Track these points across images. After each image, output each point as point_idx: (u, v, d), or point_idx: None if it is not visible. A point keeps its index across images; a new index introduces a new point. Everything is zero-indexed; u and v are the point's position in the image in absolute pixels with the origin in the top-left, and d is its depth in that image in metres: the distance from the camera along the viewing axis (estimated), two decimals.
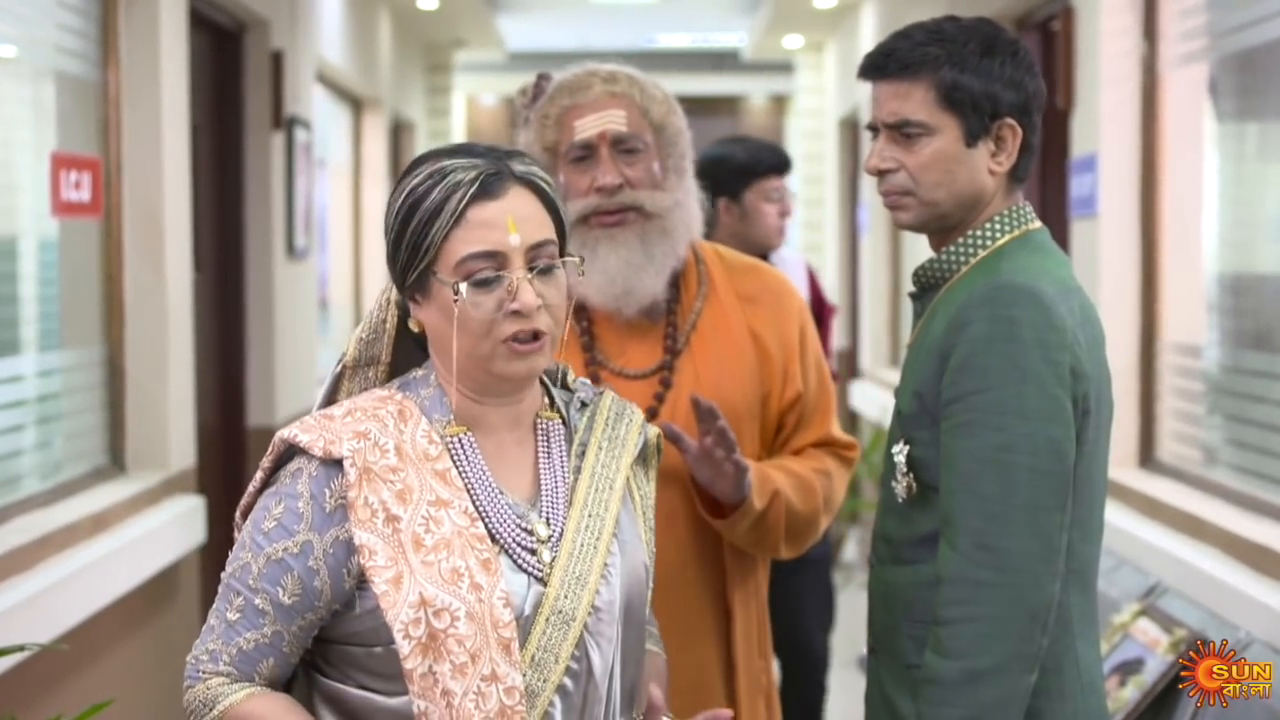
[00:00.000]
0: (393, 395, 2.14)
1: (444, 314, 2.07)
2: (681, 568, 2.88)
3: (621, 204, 2.88)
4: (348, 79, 8.86)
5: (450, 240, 2.05)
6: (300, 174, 6.91)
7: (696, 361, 2.92)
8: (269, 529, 2.05)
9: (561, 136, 2.92)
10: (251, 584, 2.05)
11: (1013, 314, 2.32)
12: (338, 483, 2.04)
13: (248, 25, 6.42)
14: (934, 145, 2.44)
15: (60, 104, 4.61)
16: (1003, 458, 2.29)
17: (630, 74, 2.96)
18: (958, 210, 2.47)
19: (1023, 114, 2.45)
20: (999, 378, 2.30)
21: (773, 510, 2.85)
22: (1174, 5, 4.89)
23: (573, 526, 2.12)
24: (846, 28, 11.07)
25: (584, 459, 2.19)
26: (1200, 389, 4.75)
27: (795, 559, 3.07)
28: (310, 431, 2.07)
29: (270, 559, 2.04)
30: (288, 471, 2.08)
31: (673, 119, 2.96)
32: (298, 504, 2.05)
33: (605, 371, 2.91)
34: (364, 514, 2.01)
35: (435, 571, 2.00)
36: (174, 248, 4.97)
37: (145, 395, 4.89)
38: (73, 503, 4.40)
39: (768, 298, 3.00)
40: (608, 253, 2.87)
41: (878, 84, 2.50)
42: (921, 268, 2.52)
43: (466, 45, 12.42)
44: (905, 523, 2.47)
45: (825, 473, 2.98)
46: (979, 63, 2.42)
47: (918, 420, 2.42)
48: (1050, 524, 2.30)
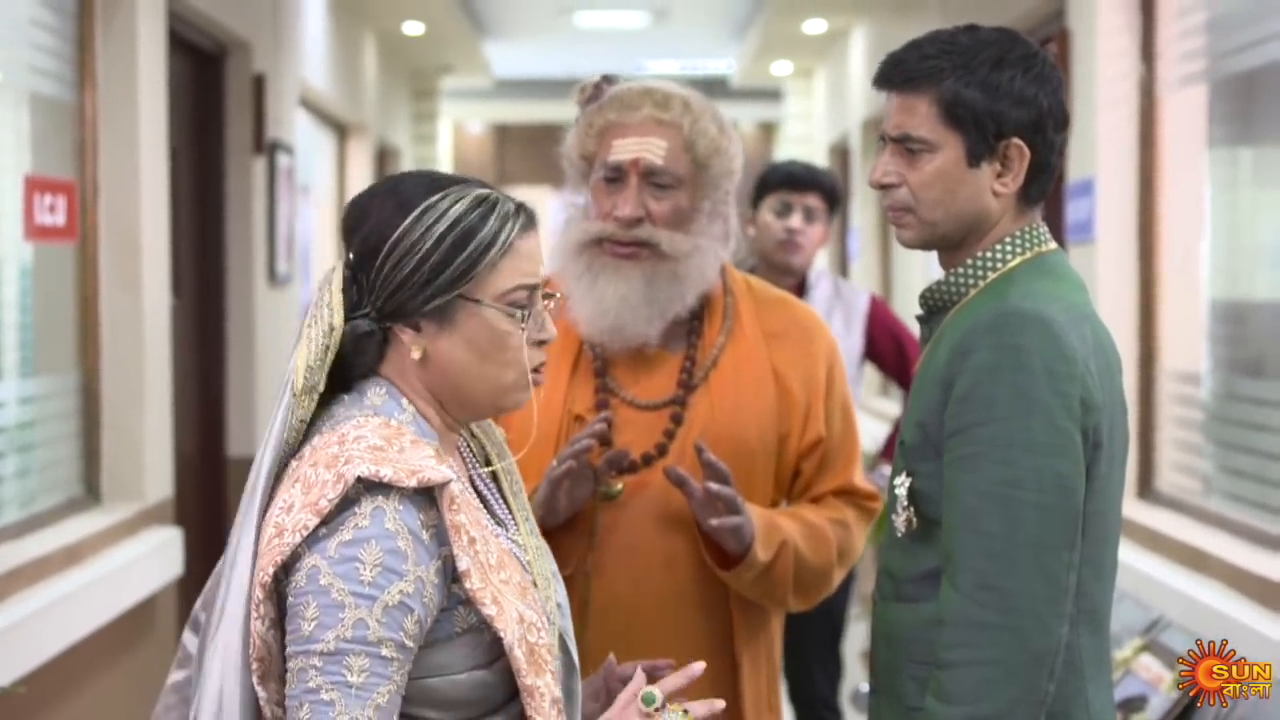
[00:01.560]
0: (387, 422, 2.05)
1: (474, 344, 2.05)
2: (682, 615, 2.77)
3: (636, 238, 2.75)
4: (332, 104, 8.78)
5: (498, 269, 2.04)
6: (282, 199, 6.83)
7: (713, 397, 2.80)
8: (373, 578, 1.92)
9: (599, 150, 2.80)
10: (372, 638, 1.91)
11: (1019, 341, 2.21)
12: (424, 512, 1.97)
13: (229, 48, 6.33)
14: (935, 163, 2.33)
15: (35, 126, 4.51)
16: (1007, 493, 2.18)
17: (687, 100, 2.80)
18: (958, 231, 2.36)
19: (1034, 132, 2.31)
20: (1004, 409, 2.19)
21: (779, 562, 2.74)
22: (1173, 26, 4.82)
23: (524, 530, 2.16)
24: (836, 54, 11.01)
25: (490, 465, 2.21)
26: (1200, 417, 4.65)
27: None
28: (385, 465, 1.96)
29: (388, 606, 1.92)
30: (361, 514, 1.95)
31: (719, 158, 2.80)
32: (395, 543, 1.94)
33: (615, 399, 2.79)
34: (462, 538, 1.97)
35: (513, 589, 2.02)
36: (151, 273, 4.88)
37: (121, 424, 4.80)
38: (45, 534, 4.31)
39: (795, 334, 2.87)
40: (607, 284, 2.75)
41: (887, 94, 2.39)
42: (929, 289, 2.41)
43: (453, 71, 12.37)
44: (907, 558, 2.36)
45: (842, 523, 2.86)
46: (986, 77, 2.30)
47: (921, 452, 2.31)
48: (1057, 563, 2.19)
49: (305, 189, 8.21)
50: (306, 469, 1.98)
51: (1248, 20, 4.33)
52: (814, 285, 4.93)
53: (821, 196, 4.85)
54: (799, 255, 4.83)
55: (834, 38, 10.66)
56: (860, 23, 9.85)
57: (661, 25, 11.85)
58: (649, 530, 2.75)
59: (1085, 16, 5.06)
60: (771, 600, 2.80)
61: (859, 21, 9.86)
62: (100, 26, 4.73)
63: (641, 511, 2.75)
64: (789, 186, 4.86)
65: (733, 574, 2.71)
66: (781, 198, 4.85)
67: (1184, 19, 4.74)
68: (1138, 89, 4.94)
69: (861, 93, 9.81)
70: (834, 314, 4.90)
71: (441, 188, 2.07)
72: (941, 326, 2.36)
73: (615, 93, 2.81)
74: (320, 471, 1.96)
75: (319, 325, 2.07)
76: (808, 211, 4.83)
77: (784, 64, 12.28)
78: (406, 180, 2.09)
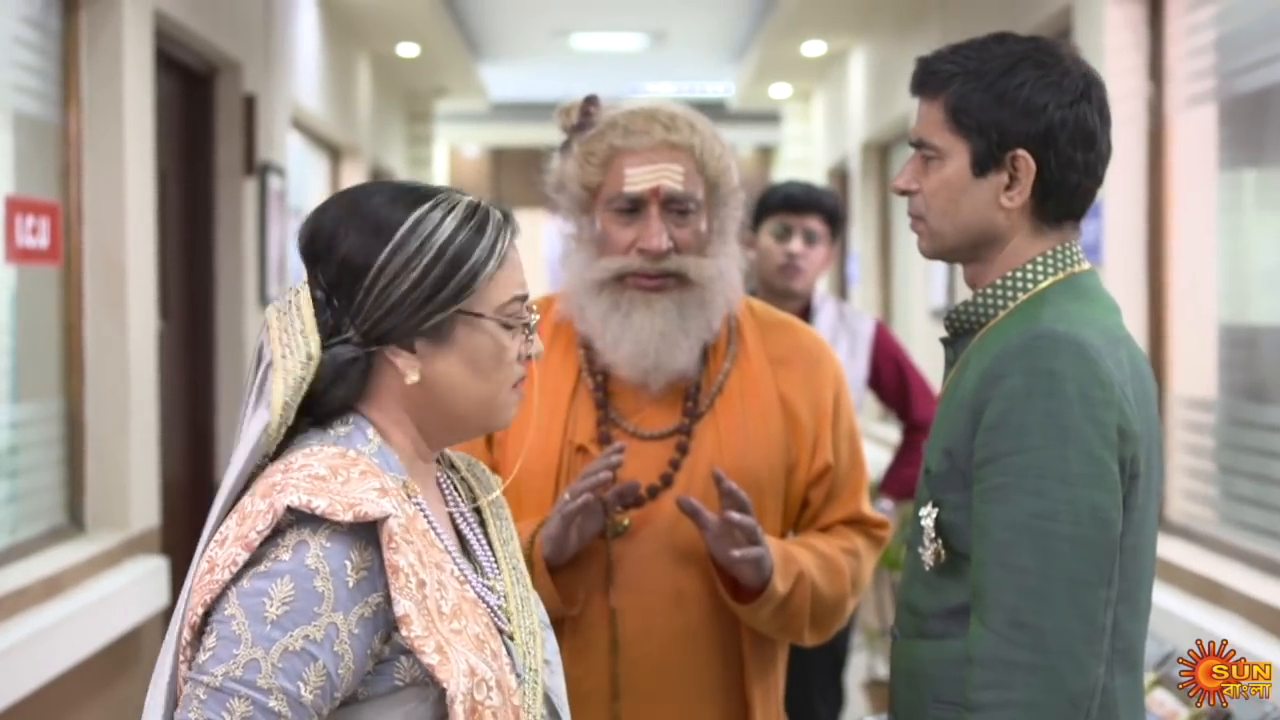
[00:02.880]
0: (344, 453, 1.91)
1: (470, 360, 1.94)
2: (693, 654, 2.65)
3: (665, 269, 2.63)
4: (325, 126, 8.69)
5: (495, 281, 1.94)
6: (273, 222, 6.74)
7: (720, 426, 2.68)
8: (278, 616, 1.77)
9: (606, 180, 2.65)
10: (262, 684, 1.75)
11: (1054, 366, 2.09)
12: (357, 552, 1.81)
13: (219, 68, 6.25)
14: (943, 171, 2.24)
15: (18, 146, 4.43)
16: (1041, 526, 2.07)
17: (692, 121, 2.69)
18: (964, 243, 2.25)
19: (1042, 145, 2.19)
20: (1038, 437, 2.08)
21: (797, 594, 2.62)
22: (1182, 45, 4.74)
23: (508, 579, 2.03)
24: (835, 76, 10.94)
25: (477, 504, 2.09)
26: (1211, 444, 4.55)
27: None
28: (319, 495, 1.82)
29: (287, 651, 1.76)
30: (283, 547, 1.80)
31: (727, 176, 2.70)
32: (313, 582, 1.78)
33: (618, 430, 2.67)
34: (401, 580, 1.80)
35: (466, 639, 1.85)
36: (137, 296, 4.79)
37: (106, 450, 4.72)
38: (26, 565, 4.23)
39: (801, 359, 2.77)
40: (644, 321, 2.63)
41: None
42: (955, 310, 2.29)
43: (448, 94, 12.30)
44: (933, 593, 2.24)
45: (854, 553, 2.75)
46: (993, 83, 2.19)
47: (947, 481, 2.19)
48: (1093, 600, 2.07)
49: (298, 212, 8.11)
50: (246, 499, 1.86)
51: (1258, 39, 4.26)
52: (818, 310, 4.83)
53: (822, 218, 4.74)
54: (800, 280, 4.72)
55: (833, 60, 10.59)
56: (860, 44, 9.77)
57: (659, 48, 11.79)
58: (657, 566, 2.64)
59: (1093, 34, 4.96)
60: (787, 634, 2.70)
61: (858, 43, 9.79)
62: (85, 44, 4.66)
63: (648, 547, 2.64)
64: (788, 209, 4.75)
65: (750, 608, 2.60)
66: (781, 220, 4.73)
67: (1193, 37, 4.66)
68: (1146, 108, 4.85)
69: (861, 115, 9.72)
70: (839, 340, 4.79)
71: (417, 199, 1.94)
72: (968, 350, 2.25)
73: (614, 117, 2.68)
74: (256, 501, 1.82)
75: (295, 355, 1.92)
76: (808, 234, 4.72)
77: (782, 86, 12.22)
78: (368, 197, 1.96)
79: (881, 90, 8.96)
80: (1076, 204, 2.24)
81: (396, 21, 9.26)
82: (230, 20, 6.13)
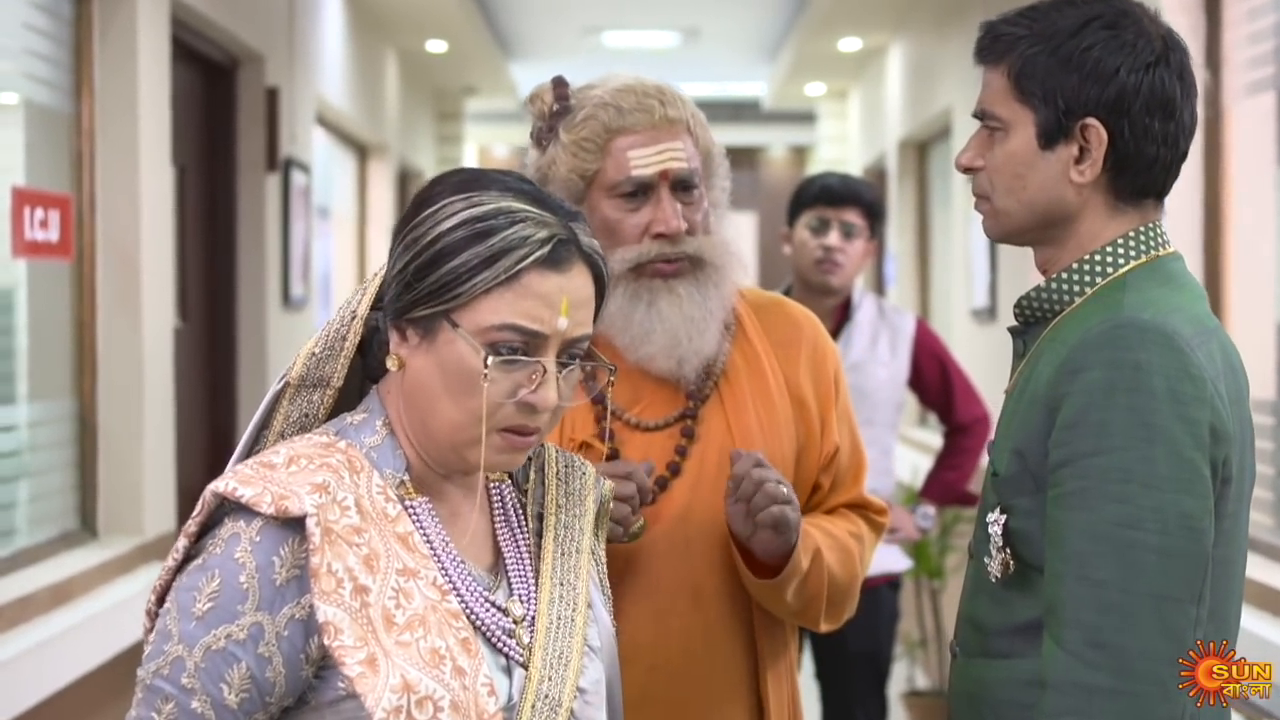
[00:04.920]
0: (334, 442, 1.82)
1: (444, 371, 1.79)
2: (710, 654, 2.51)
3: (683, 253, 2.51)
4: (351, 123, 8.54)
5: (491, 298, 1.77)
6: (297, 219, 6.60)
7: (726, 410, 2.55)
8: (204, 612, 1.70)
9: (605, 166, 2.49)
10: (186, 683, 1.69)
11: (1139, 358, 1.92)
12: (289, 548, 1.72)
13: (241, 60, 6.11)
14: (1009, 144, 2.07)
15: (28, 136, 4.30)
16: (1124, 535, 1.89)
17: (677, 91, 2.57)
18: (1032, 224, 2.08)
19: (1114, 112, 2.01)
20: (1121, 437, 1.90)
21: (815, 571, 2.49)
22: (1240, 29, 4.56)
23: (545, 599, 1.89)
24: (872, 73, 10.78)
25: (543, 521, 1.96)
26: (1271, 448, 4.36)
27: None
28: (251, 484, 1.73)
29: (210, 650, 1.69)
30: (219, 538, 1.74)
31: (715, 144, 2.60)
32: (239, 577, 1.71)
33: (618, 423, 2.53)
34: (328, 584, 1.70)
35: (414, 652, 1.73)
36: (152, 293, 4.65)
37: (119, 454, 4.58)
38: (33, 571, 4.10)
39: (801, 339, 2.64)
40: (670, 308, 2.49)
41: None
42: (1026, 297, 2.12)
43: (478, 93, 12.19)
44: (999, 607, 2.07)
45: (859, 537, 2.62)
46: (1060, 45, 2.02)
47: (1018, 485, 2.02)
48: (1182, 618, 1.90)
49: (324, 211, 7.98)
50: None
51: None
52: (858, 306, 4.67)
53: (861, 211, 4.59)
54: (838, 275, 4.56)
55: (869, 56, 10.43)
56: (897, 40, 9.60)
57: (691, 45, 11.66)
58: (672, 562, 2.49)
59: None
60: (804, 618, 2.56)
61: (896, 38, 9.62)
62: (98, 31, 4.54)
63: (661, 543, 2.49)
64: (825, 201, 4.61)
65: (774, 584, 2.45)
66: (818, 213, 4.59)
67: (1253, 22, 4.48)
68: (1203, 98, 4.65)
69: (899, 112, 9.55)
70: (880, 338, 4.64)
71: (486, 187, 1.82)
72: (1039, 340, 2.08)
73: (602, 96, 2.52)
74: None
75: (343, 310, 1.87)
76: (846, 228, 4.57)
77: (817, 85, 12.09)
78: (492, 173, 1.86)
79: (920, 86, 8.78)
80: (1157, 179, 2.06)
81: (425, 16, 9.12)
82: (252, 11, 5.99)
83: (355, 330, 1.85)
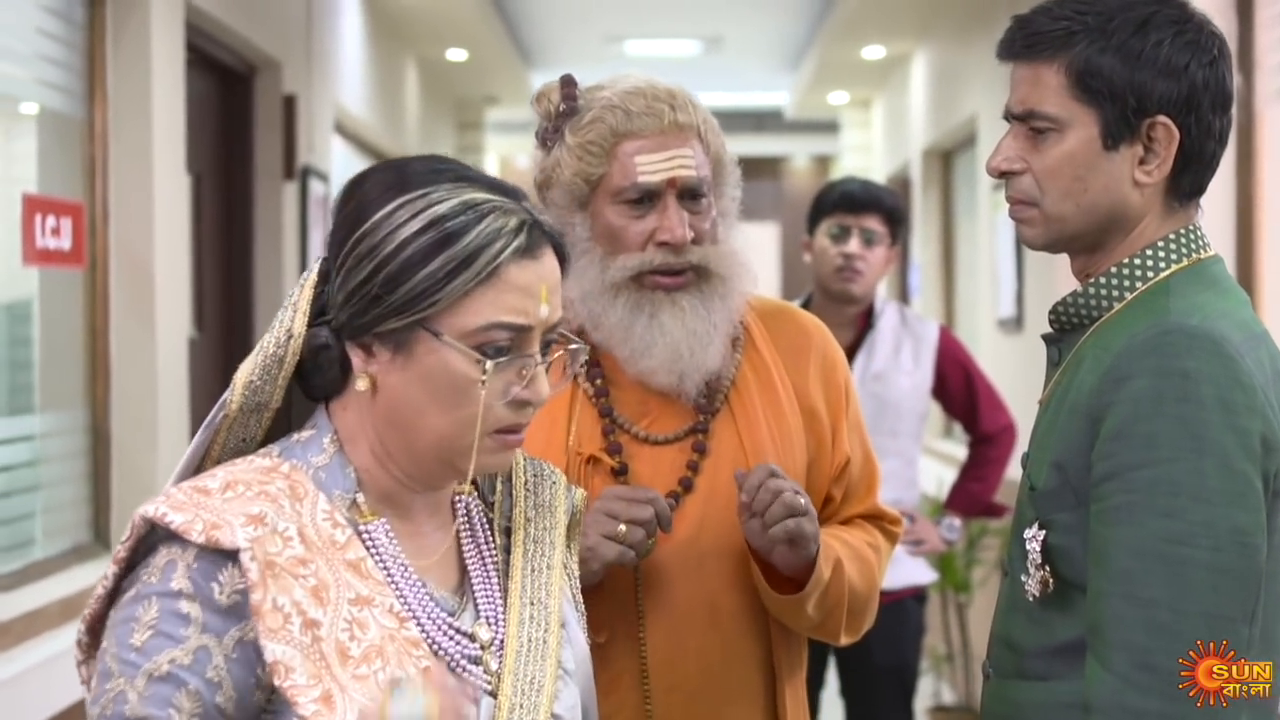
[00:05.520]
0: (277, 466, 1.72)
1: (429, 383, 1.69)
2: (728, 675, 2.42)
3: (688, 262, 2.42)
4: (371, 132, 8.49)
5: (472, 298, 1.66)
6: (315, 228, 6.53)
7: (738, 424, 2.47)
8: (143, 642, 1.60)
9: (611, 170, 2.40)
10: (130, 715, 1.58)
11: (1187, 366, 1.85)
12: (227, 574, 1.62)
13: (257, 67, 6.04)
14: (1064, 145, 1.99)
15: (40, 142, 4.25)
16: (1174, 552, 1.82)
17: (689, 96, 2.48)
18: (1092, 230, 2.00)
19: (1184, 110, 1.95)
20: (1170, 449, 1.84)
21: (836, 581, 2.42)
22: (1273, 33, 4.49)
23: (515, 620, 1.79)
24: (896, 81, 10.70)
25: (511, 535, 1.86)
26: None
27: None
28: (183, 510, 1.63)
29: (153, 677, 1.59)
30: (154, 566, 1.64)
31: (726, 151, 2.51)
32: (178, 603, 1.61)
33: (625, 436, 2.45)
34: (274, 621, 1.61)
35: (372, 685, 1.63)
36: (166, 302, 4.58)
37: (133, 465, 4.50)
38: (44, 585, 4.01)
39: (810, 347, 2.57)
40: (673, 321, 2.41)
41: (1012, 66, 2.05)
42: (1062, 303, 2.04)
43: (499, 102, 12.14)
44: (1037, 627, 2.00)
45: (876, 548, 2.56)
46: (1126, 41, 1.94)
47: (1058, 499, 1.95)
48: (1235, 639, 1.82)
49: None
50: None
51: None
52: (880, 314, 4.59)
53: (882, 218, 4.52)
54: (859, 283, 4.49)
55: (894, 64, 10.35)
56: (922, 47, 9.53)
57: (714, 54, 11.61)
58: (686, 580, 2.42)
59: None
60: (824, 630, 2.48)
61: (920, 46, 9.55)
62: (111, 37, 4.46)
63: (674, 561, 2.41)
64: (845, 208, 4.54)
65: (796, 599, 2.37)
66: (838, 220, 4.53)
67: None
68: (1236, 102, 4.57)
69: (923, 121, 9.47)
70: (902, 346, 4.56)
71: (438, 178, 1.71)
72: (1077, 348, 2.00)
73: (610, 98, 2.43)
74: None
75: (276, 330, 1.74)
76: (867, 235, 4.50)
77: (840, 94, 12.02)
78: (417, 162, 1.75)
79: (945, 94, 8.70)
80: (1207, 177, 2.00)
81: (445, 25, 9.06)
82: (268, 18, 5.92)
83: (294, 350, 1.74)
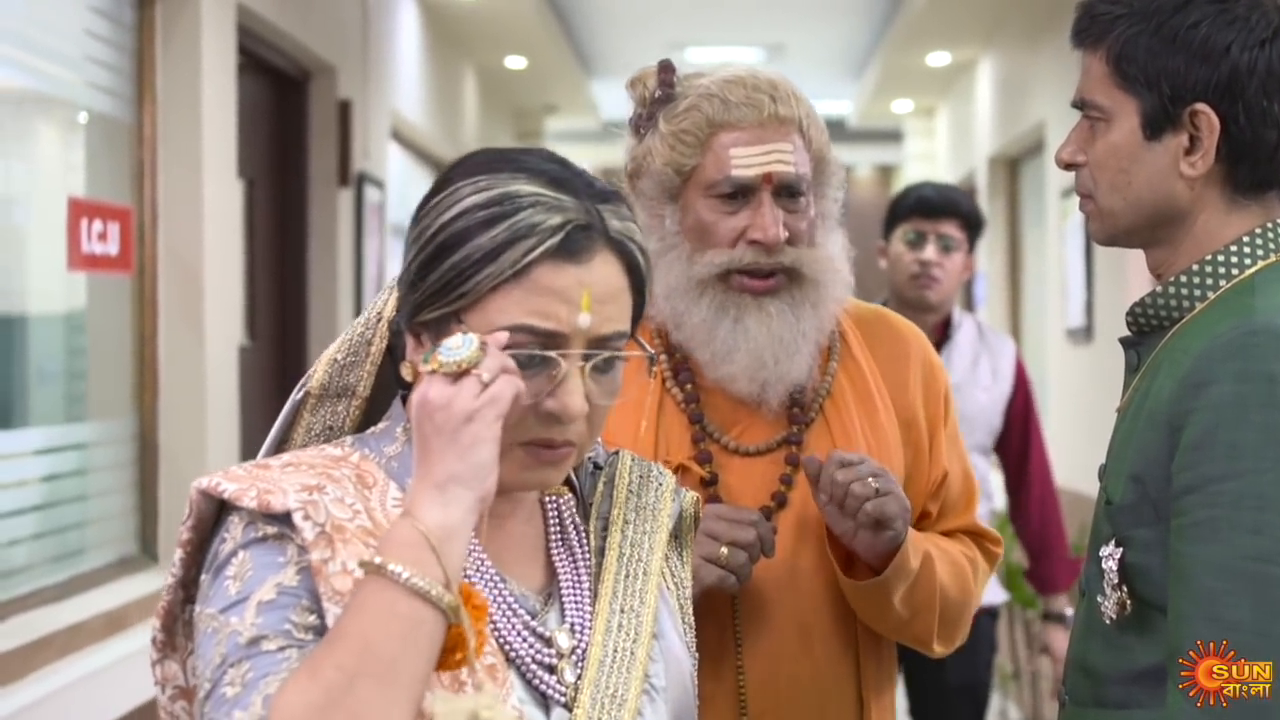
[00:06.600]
0: (347, 456, 1.63)
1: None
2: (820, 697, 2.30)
3: (779, 264, 2.29)
4: (428, 139, 8.42)
5: (499, 295, 1.56)
6: (371, 236, 6.47)
7: (834, 435, 2.34)
8: (236, 591, 1.51)
9: (704, 162, 2.29)
10: (244, 642, 1.48)
11: (1274, 369, 1.74)
12: (295, 548, 1.54)
13: (312, 72, 5.99)
14: (1110, 136, 1.90)
15: (88, 146, 4.19)
16: (1260, 571, 1.71)
17: (793, 88, 2.34)
18: (1142, 225, 1.90)
19: (1226, 97, 1.83)
20: (1255, 459, 1.72)
21: (925, 576, 2.29)
22: None
23: (601, 627, 1.66)
24: (961, 88, 10.56)
25: (607, 538, 1.74)
26: None
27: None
28: (238, 480, 1.55)
29: (261, 603, 1.50)
30: (229, 532, 1.56)
31: (830, 150, 2.37)
32: (265, 545, 1.53)
33: (716, 446, 2.32)
34: (341, 583, 1.50)
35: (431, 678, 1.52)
36: (216, 309, 4.51)
37: (181, 475, 4.42)
38: (90, 597, 3.95)
39: (909, 354, 2.44)
40: (758, 326, 2.28)
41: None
42: (1140, 304, 1.93)
43: (558, 111, 12.10)
44: (1115, 652, 1.88)
45: (973, 560, 2.43)
46: (1163, 24, 1.84)
47: (1136, 514, 1.83)
48: None
49: (400, 230, 7.84)
50: None
51: None
52: (958, 326, 4.46)
53: (959, 223, 4.39)
54: (935, 290, 4.36)
55: (959, 70, 10.22)
56: (987, 54, 9.39)
57: (776, 61, 11.49)
58: (780, 601, 2.30)
59: None
60: (914, 631, 2.35)
61: (986, 53, 9.41)
62: (161, 39, 4.41)
63: (768, 580, 2.28)
64: (921, 213, 4.42)
65: (879, 582, 2.24)
66: (914, 226, 4.41)
67: None
68: None
69: (989, 128, 9.34)
70: (980, 361, 4.44)
71: (496, 168, 1.61)
72: (1157, 352, 1.89)
73: (708, 86, 2.31)
74: None
75: (368, 312, 1.70)
76: (944, 241, 4.37)
77: (904, 102, 11.91)
78: (493, 151, 1.67)
79: (1011, 101, 8.56)
80: (1270, 168, 1.86)
81: (504, 32, 9.00)
82: (324, 22, 5.85)
83: (381, 335, 1.69)
